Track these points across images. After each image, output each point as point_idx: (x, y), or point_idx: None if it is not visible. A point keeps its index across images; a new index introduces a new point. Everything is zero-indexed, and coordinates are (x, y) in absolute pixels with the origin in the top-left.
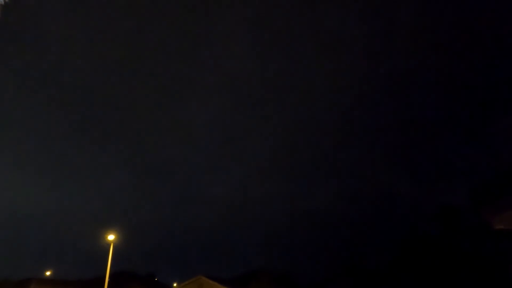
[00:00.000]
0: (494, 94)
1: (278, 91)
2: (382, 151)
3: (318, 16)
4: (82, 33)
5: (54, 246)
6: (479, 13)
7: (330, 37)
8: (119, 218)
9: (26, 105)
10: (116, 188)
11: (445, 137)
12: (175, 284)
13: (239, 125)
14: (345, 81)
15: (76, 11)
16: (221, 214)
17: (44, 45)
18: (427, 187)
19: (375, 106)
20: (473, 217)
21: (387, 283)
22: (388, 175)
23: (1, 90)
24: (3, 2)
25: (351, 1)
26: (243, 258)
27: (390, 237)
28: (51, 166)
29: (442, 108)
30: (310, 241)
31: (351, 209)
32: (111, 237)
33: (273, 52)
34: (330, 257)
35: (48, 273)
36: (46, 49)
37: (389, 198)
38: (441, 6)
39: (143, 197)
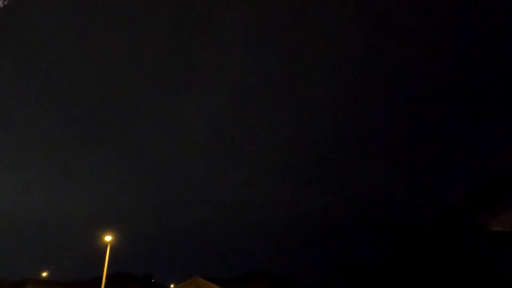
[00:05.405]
0: (492, 97)
1: (277, 92)
2: (379, 152)
3: (316, 17)
4: (81, 35)
5: (50, 247)
6: (478, 13)
7: (328, 38)
8: (116, 219)
9: (26, 105)
10: (113, 189)
11: (442, 139)
12: (172, 286)
13: (238, 126)
14: (343, 82)
15: (75, 12)
16: (219, 215)
17: (43, 46)
18: (424, 189)
19: (372, 108)
20: (470, 219)
21: (384, 284)
22: (385, 177)
23: (1, 90)
24: (1, 5)
25: (349, 2)
26: (241, 259)
27: (387, 238)
28: (48, 166)
29: (439, 110)
30: (308, 242)
31: (348, 210)
32: (108, 238)
33: (272, 53)
34: (327, 258)
35: (44, 274)
36: (45, 50)
37: (386, 199)
38: (440, 6)
39: (140, 198)
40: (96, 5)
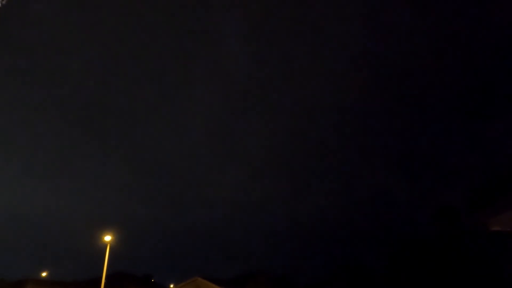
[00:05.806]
0: (492, 97)
1: (276, 92)
2: (380, 152)
3: (315, 18)
4: (80, 34)
5: (50, 246)
6: (478, 15)
7: (328, 39)
8: (116, 219)
9: (25, 105)
10: (113, 189)
11: (443, 139)
12: (171, 285)
13: (238, 126)
14: (342, 83)
15: (75, 12)
16: (219, 215)
17: (42, 46)
18: (424, 188)
19: (372, 108)
20: (470, 219)
21: (384, 284)
22: (385, 176)
23: (1, 90)
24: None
25: (349, 3)
26: (240, 259)
27: (388, 238)
28: (49, 166)
29: (440, 110)
30: (307, 242)
31: (349, 210)
32: (108, 238)
33: (271, 53)
34: (327, 259)
35: (44, 274)
36: (44, 50)
37: (386, 199)
38: (440, 7)
39: (140, 198)
40: (96, 5)
